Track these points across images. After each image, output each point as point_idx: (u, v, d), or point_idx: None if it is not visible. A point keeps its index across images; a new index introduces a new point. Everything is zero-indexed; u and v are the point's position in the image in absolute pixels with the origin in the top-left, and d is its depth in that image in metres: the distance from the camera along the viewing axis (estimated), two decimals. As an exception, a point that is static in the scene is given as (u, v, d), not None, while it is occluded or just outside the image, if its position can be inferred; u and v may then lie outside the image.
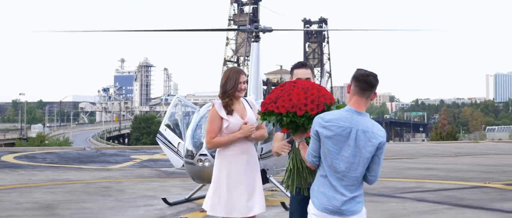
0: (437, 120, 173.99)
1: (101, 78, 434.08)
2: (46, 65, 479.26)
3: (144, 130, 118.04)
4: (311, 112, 4.82)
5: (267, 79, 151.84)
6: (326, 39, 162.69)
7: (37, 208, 11.34)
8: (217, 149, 6.17)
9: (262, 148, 10.76)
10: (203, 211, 10.80)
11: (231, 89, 6.06)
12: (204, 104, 12.25)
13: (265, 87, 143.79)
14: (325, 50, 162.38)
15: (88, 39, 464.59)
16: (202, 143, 10.69)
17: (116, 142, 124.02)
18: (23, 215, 10.60)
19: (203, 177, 10.85)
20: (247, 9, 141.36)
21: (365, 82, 4.58)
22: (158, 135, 12.42)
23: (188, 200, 12.05)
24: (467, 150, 35.54)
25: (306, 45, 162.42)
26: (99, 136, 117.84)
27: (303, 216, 5.29)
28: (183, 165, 11.72)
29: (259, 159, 6.49)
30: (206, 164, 10.48)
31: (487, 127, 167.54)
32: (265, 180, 6.09)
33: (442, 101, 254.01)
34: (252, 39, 12.80)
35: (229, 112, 6.04)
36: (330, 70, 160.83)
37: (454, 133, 65.03)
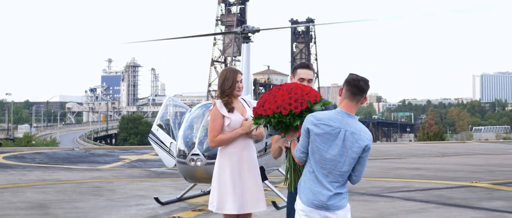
0: (424, 120, 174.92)
1: (88, 78, 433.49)
2: (33, 65, 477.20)
3: (132, 130, 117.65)
4: (295, 110, 5.14)
5: (255, 79, 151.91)
6: (313, 39, 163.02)
7: (30, 208, 11.42)
8: (219, 148, 6.28)
9: (266, 143, 10.97)
10: (195, 210, 11.00)
11: (229, 88, 6.23)
12: (191, 105, 12.45)
13: (253, 87, 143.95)
14: (312, 50, 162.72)
15: (75, 39, 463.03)
16: (194, 143, 10.82)
17: (103, 142, 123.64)
18: (16, 214, 10.67)
19: (195, 177, 10.99)
20: (235, 9, 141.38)
21: (356, 87, 4.83)
22: (150, 135, 12.54)
23: (180, 199, 12.17)
24: (454, 150, 35.85)
25: (294, 45, 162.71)
26: (86, 136, 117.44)
27: None
28: (175, 165, 11.86)
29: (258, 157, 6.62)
30: (198, 163, 10.62)
31: (474, 127, 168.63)
32: (264, 177, 6.27)
33: (429, 101, 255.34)
34: (242, 40, 12.93)
35: (230, 110, 6.20)
36: (318, 71, 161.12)
37: (441, 133, 65.38)
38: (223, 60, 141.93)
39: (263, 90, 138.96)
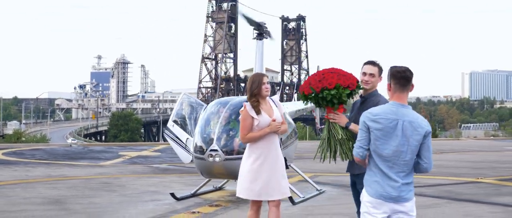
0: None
1: (77, 75, 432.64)
2: (21, 61, 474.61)
3: (122, 127, 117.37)
4: (343, 84, 5.99)
5: (245, 76, 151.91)
6: (304, 36, 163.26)
7: (47, 203, 11.46)
8: (248, 144, 7.03)
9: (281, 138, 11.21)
10: (212, 205, 11.09)
11: (255, 89, 6.99)
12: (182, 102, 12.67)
13: (243, 84, 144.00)
14: (303, 47, 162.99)
15: (64, 35, 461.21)
16: (212, 139, 10.91)
17: (93, 139, 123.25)
18: (35, 209, 10.72)
19: (213, 172, 11.08)
20: (226, 6, 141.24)
21: (403, 78, 5.06)
22: (166, 131, 12.60)
23: (194, 195, 12.26)
24: (450, 146, 36.13)
25: (284, 42, 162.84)
26: (76, 133, 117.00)
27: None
28: (191, 161, 11.94)
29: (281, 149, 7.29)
30: (217, 159, 10.72)
31: (463, 125, 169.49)
32: (286, 166, 7.18)
33: (418, 99, 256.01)
34: (256, 37, 13.00)
35: (258, 112, 6.94)
36: (308, 68, 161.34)
37: (433, 130, 65.79)
38: (213, 57, 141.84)
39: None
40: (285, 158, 7.36)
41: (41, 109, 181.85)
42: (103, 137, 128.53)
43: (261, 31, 13.16)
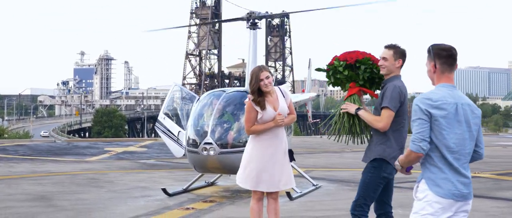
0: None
1: (60, 71, 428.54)
2: (3, 57, 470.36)
3: (106, 124, 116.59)
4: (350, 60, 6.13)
5: (229, 72, 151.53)
6: (288, 33, 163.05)
7: (32, 199, 10.94)
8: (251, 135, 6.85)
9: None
10: (206, 201, 10.63)
11: (254, 85, 6.67)
12: (163, 98, 12.24)
13: (227, 81, 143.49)
14: (287, 44, 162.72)
15: (46, 30, 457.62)
16: (206, 132, 10.44)
17: (77, 135, 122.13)
18: (20, 206, 10.19)
19: (207, 166, 10.61)
20: (209, 2, 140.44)
21: (450, 57, 4.47)
22: (157, 124, 12.09)
23: (186, 190, 11.78)
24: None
25: (268, 39, 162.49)
26: (59, 129, 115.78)
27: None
28: (184, 154, 11.45)
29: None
30: (212, 152, 10.25)
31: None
32: (291, 158, 6.89)
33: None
34: (249, 27, 12.51)
35: (262, 107, 6.68)
36: (292, 64, 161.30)
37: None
38: (197, 54, 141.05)
39: (238, 84, 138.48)
40: (291, 150, 6.97)
41: (23, 106, 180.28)
42: (87, 134, 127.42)
43: (254, 20, 12.61)
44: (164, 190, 11.33)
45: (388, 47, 5.87)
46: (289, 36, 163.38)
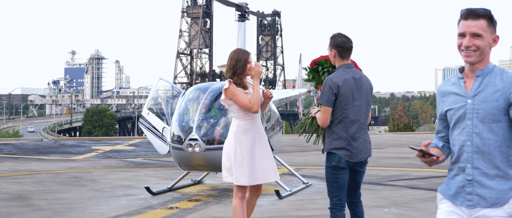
0: (387, 113, 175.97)
1: (51, 70, 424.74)
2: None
3: (96, 123, 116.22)
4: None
5: (220, 71, 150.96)
6: (279, 32, 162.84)
7: (9, 199, 10.42)
8: (231, 129, 6.51)
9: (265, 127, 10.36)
10: (191, 200, 10.14)
11: (240, 68, 6.37)
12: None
13: (218, 80, 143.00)
14: (278, 43, 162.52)
15: (37, 30, 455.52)
16: (191, 127, 9.93)
17: (67, 134, 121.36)
18: (-5, 206, 9.68)
19: (192, 164, 10.10)
20: (201, 1, 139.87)
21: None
22: (140, 120, 11.55)
23: (171, 189, 11.28)
24: (430, 139, 35.42)
25: (259, 38, 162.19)
26: (50, 129, 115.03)
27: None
28: (169, 151, 10.94)
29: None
30: (197, 149, 9.75)
31: (436, 120, 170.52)
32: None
33: (392, 94, 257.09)
34: (238, 19, 12.05)
35: (245, 87, 6.39)
36: (283, 63, 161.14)
37: (411, 124, 65.49)
38: (189, 53, 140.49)
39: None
40: (270, 143, 6.58)
41: (14, 105, 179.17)
42: (78, 133, 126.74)
43: (242, 12, 12.19)
44: (148, 189, 10.83)
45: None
46: (281, 35, 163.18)
